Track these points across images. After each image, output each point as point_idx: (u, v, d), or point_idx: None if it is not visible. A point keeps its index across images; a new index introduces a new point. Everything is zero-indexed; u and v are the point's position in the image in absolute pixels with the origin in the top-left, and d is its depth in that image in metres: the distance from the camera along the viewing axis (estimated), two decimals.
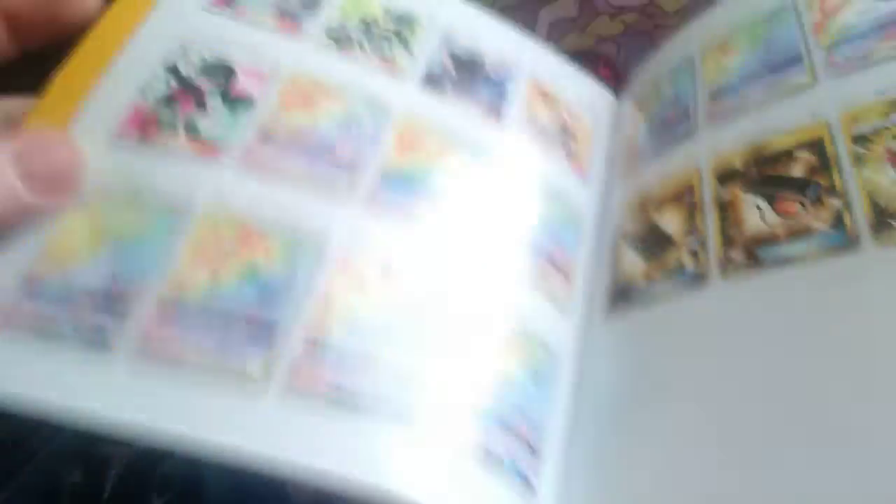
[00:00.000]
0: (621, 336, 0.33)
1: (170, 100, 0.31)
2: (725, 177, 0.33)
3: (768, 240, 0.29)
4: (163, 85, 0.32)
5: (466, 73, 0.39)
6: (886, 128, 0.29)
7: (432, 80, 0.37)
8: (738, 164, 0.33)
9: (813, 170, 0.30)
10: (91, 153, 0.29)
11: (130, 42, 0.33)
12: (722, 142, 0.35)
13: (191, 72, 0.32)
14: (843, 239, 0.27)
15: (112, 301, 0.26)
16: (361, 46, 0.36)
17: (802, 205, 0.29)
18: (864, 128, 0.30)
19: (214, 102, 0.32)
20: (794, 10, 0.37)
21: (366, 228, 0.30)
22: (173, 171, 0.30)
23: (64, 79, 0.31)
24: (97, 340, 0.25)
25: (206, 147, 0.30)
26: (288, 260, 0.28)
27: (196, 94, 0.32)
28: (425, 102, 0.36)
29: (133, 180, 0.29)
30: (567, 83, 0.44)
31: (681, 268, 0.32)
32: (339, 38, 0.36)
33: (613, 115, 0.45)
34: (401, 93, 0.35)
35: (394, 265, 0.30)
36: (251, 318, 0.26)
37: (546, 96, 0.42)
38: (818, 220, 0.28)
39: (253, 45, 0.34)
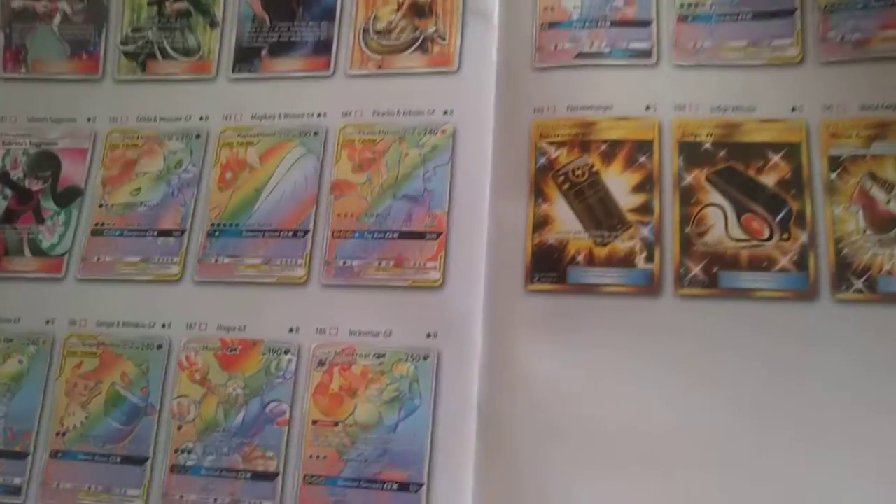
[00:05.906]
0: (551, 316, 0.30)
1: (10, 214, 0.34)
2: (691, 151, 0.30)
3: (730, 262, 0.29)
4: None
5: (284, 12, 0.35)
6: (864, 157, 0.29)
7: (246, 55, 0.35)
8: (704, 136, 0.30)
9: (785, 183, 0.29)
10: None
11: None
12: (687, 92, 0.31)
13: (20, 174, 0.35)
14: (804, 283, 0.28)
15: (12, 446, 0.31)
16: (162, 50, 0.36)
17: (770, 228, 0.29)
18: (842, 149, 0.29)
19: (47, 205, 0.34)
20: None
21: (199, 307, 0.32)
22: (26, 299, 0.33)
23: None
24: (9, 489, 0.31)
25: (50, 263, 0.33)
26: (143, 377, 0.31)
27: (31, 200, 0.34)
28: (242, 98, 0.34)
29: None
30: None
31: (632, 262, 0.29)
32: (138, 52, 0.36)
33: None
34: (215, 100, 0.35)
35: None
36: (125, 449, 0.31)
37: None
38: (782, 254, 0.28)
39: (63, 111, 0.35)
